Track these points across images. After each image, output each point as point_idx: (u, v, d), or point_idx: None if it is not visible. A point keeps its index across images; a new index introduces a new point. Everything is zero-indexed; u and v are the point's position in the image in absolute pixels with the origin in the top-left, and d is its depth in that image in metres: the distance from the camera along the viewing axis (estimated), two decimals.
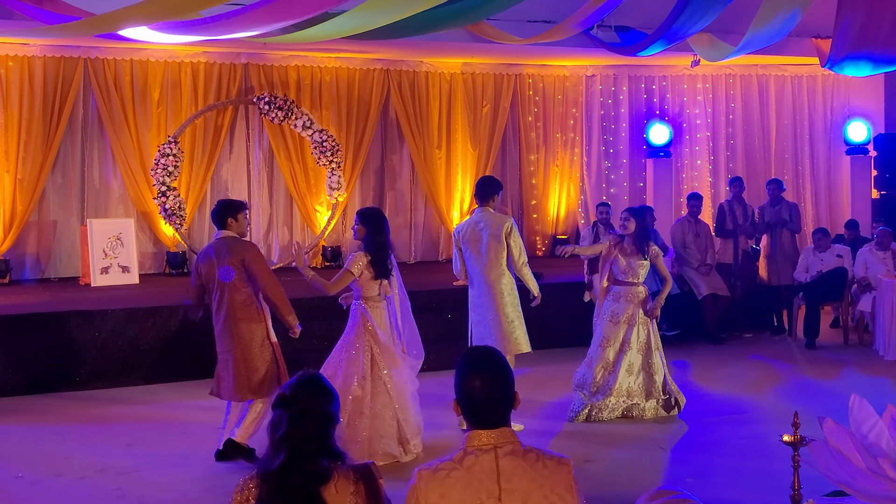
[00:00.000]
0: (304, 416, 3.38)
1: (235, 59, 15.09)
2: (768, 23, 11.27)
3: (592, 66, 17.25)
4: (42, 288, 13.16)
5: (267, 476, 3.35)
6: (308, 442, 3.36)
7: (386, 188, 16.50)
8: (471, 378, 3.26)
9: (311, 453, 3.36)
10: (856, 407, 4.67)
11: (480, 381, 3.25)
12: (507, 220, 8.87)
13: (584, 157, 17.48)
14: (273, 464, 3.35)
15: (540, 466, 3.22)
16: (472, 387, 3.25)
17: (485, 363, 3.31)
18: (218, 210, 7.91)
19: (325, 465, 3.36)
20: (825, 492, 5.87)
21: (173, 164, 14.18)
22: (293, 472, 3.32)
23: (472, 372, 3.27)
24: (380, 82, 16.13)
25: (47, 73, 14.09)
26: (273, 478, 3.33)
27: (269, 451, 3.40)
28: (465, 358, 3.37)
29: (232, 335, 7.60)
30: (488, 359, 3.33)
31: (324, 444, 3.40)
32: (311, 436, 3.37)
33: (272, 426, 3.42)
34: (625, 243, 8.95)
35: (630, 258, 8.87)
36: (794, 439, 4.78)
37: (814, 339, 12.38)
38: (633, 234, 8.88)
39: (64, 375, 10.28)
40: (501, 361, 3.33)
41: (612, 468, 7.43)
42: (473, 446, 3.24)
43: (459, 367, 3.32)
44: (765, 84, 17.91)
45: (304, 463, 3.34)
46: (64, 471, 7.45)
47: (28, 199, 13.92)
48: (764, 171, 17.47)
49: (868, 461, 4.38)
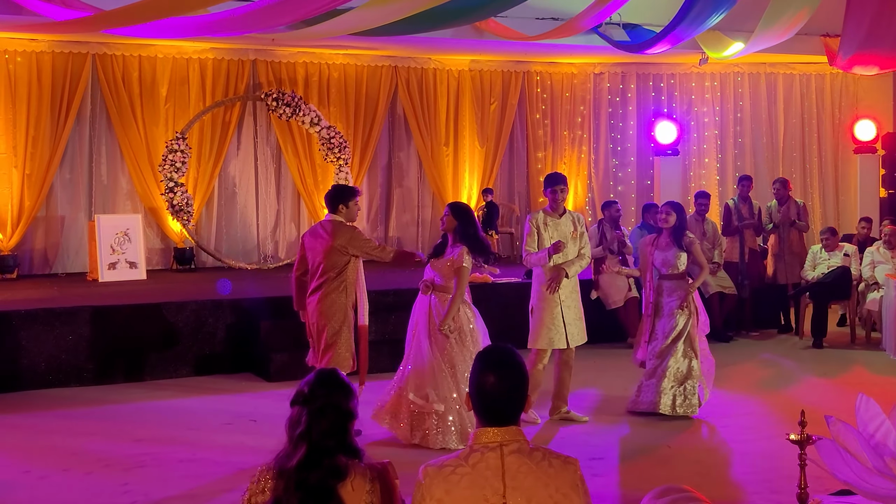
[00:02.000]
0: (324, 412, 3.38)
1: (243, 55, 15.11)
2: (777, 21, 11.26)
3: (600, 64, 17.23)
4: (49, 283, 13.17)
5: (284, 472, 3.35)
6: (327, 438, 3.36)
7: (393, 185, 16.50)
8: (484, 374, 3.28)
9: (330, 450, 3.36)
10: (863, 406, 4.67)
11: (493, 378, 3.26)
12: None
13: (592, 155, 17.48)
14: (291, 460, 3.34)
15: (546, 465, 3.22)
16: (484, 382, 3.27)
17: (499, 361, 3.33)
18: (330, 195, 8.19)
19: (342, 462, 3.36)
20: (832, 490, 5.87)
21: (181, 160, 14.20)
22: (311, 469, 3.32)
23: (485, 368, 3.30)
24: (388, 79, 16.14)
25: (55, 68, 14.12)
26: (291, 474, 3.33)
27: (287, 448, 3.40)
28: (481, 354, 3.40)
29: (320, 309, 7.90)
30: (503, 357, 3.35)
31: (342, 440, 3.40)
32: (329, 432, 3.37)
33: (291, 423, 3.42)
34: (661, 238, 9.03)
35: (667, 252, 8.94)
36: (800, 438, 4.77)
37: (821, 338, 12.34)
38: (672, 228, 8.95)
39: (71, 371, 10.29)
40: (516, 360, 3.34)
41: (618, 466, 7.43)
42: (480, 443, 3.24)
43: (475, 362, 3.34)
44: (773, 82, 17.88)
45: (323, 459, 3.34)
46: (71, 465, 7.46)
47: (36, 194, 13.96)
48: (772, 170, 17.44)
49: (875, 460, 4.37)
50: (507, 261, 15.86)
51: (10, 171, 13.92)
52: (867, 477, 4.43)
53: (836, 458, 4.56)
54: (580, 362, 9.27)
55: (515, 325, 12.03)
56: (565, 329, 8.63)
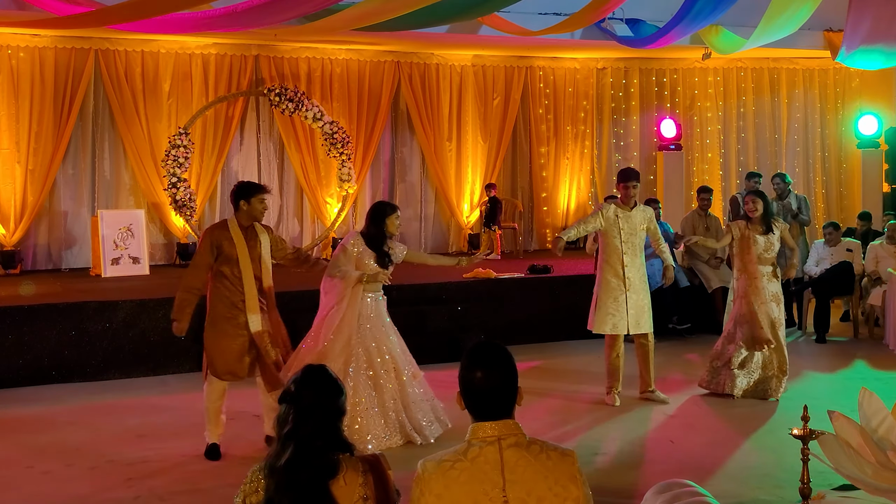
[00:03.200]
0: (311, 412, 3.37)
1: (246, 50, 15.12)
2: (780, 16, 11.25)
3: (603, 59, 17.24)
4: (53, 278, 13.19)
5: (274, 472, 3.34)
6: (315, 438, 3.35)
7: (396, 180, 16.51)
8: (471, 370, 3.28)
9: (319, 449, 3.35)
10: (865, 401, 4.67)
11: (481, 373, 3.27)
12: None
13: (595, 150, 17.49)
14: (280, 460, 3.33)
15: (544, 458, 3.23)
16: (472, 378, 3.27)
17: (486, 356, 3.33)
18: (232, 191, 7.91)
19: (333, 459, 3.35)
20: (834, 485, 5.88)
21: (184, 155, 14.21)
22: (301, 469, 3.31)
23: (472, 364, 3.30)
24: (390, 74, 16.15)
25: (58, 64, 14.14)
26: (281, 474, 3.32)
27: (277, 447, 3.39)
28: (467, 352, 3.39)
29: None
30: (490, 352, 3.35)
31: (331, 438, 3.39)
32: (318, 431, 3.36)
33: (279, 422, 3.41)
34: (751, 225, 9.40)
35: (763, 237, 9.34)
36: (803, 433, 4.78)
37: (824, 333, 12.34)
38: (761, 216, 9.34)
39: (75, 366, 10.31)
40: (503, 355, 3.34)
41: (620, 461, 7.43)
42: (478, 438, 3.25)
43: (462, 360, 3.34)
44: (776, 77, 17.88)
45: (312, 459, 3.33)
46: (74, 461, 7.47)
47: (39, 190, 13.97)
48: (774, 165, 17.44)
49: (877, 455, 4.38)
50: (510, 256, 15.86)
51: (13, 167, 13.94)
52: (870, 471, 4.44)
53: (838, 453, 4.56)
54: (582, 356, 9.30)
55: (516, 320, 12.10)
56: (627, 315, 8.96)
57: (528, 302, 12.33)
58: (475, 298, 12.03)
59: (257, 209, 7.71)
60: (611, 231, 9.01)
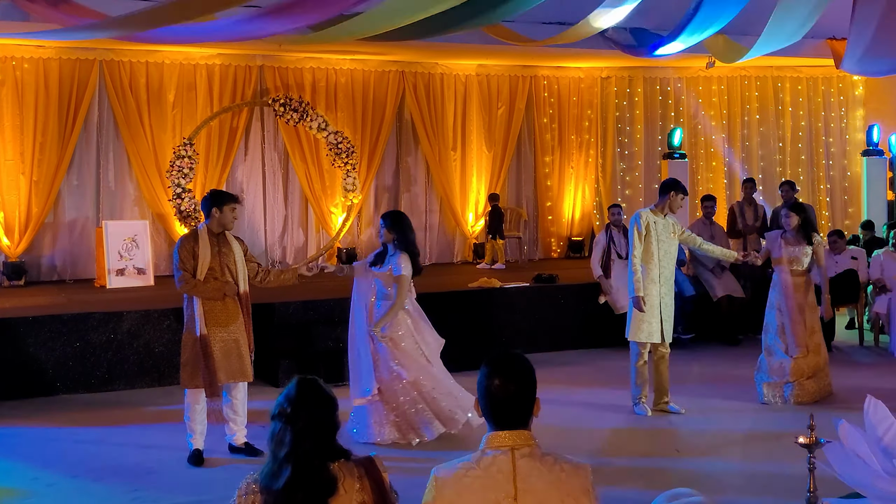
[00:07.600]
0: (308, 431, 3.32)
1: (251, 60, 15.13)
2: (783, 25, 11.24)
3: (607, 68, 17.25)
4: (57, 290, 13.19)
5: (272, 493, 3.29)
6: (313, 457, 3.31)
7: (401, 190, 16.51)
8: (490, 377, 3.28)
9: (317, 468, 3.32)
10: (871, 409, 4.65)
11: (499, 381, 3.26)
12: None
13: (600, 159, 17.49)
14: (279, 482, 3.28)
15: (557, 470, 3.22)
16: (490, 385, 3.26)
17: (505, 364, 3.32)
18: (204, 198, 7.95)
19: (331, 475, 3.32)
20: (841, 494, 5.85)
21: (188, 165, 14.22)
22: (299, 489, 3.27)
23: (492, 371, 3.29)
24: (395, 84, 16.16)
25: (62, 75, 14.15)
26: (279, 496, 3.28)
27: (272, 466, 3.32)
28: (487, 359, 3.38)
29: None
30: (510, 361, 3.34)
31: (328, 452, 3.38)
32: (315, 451, 3.32)
33: (274, 440, 3.34)
34: (787, 236, 9.61)
35: (796, 248, 9.51)
36: (809, 441, 4.77)
37: (829, 340, 12.31)
38: (798, 227, 9.54)
39: (80, 377, 10.31)
40: (523, 364, 3.34)
41: (626, 470, 7.42)
42: (492, 447, 3.24)
43: (482, 366, 3.34)
44: (780, 86, 17.88)
45: (311, 477, 3.30)
46: (79, 472, 7.47)
47: (43, 200, 13.98)
48: (779, 173, 17.44)
49: (884, 463, 4.36)
50: (515, 266, 15.85)
51: (17, 178, 13.94)
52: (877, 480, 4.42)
53: (845, 462, 4.54)
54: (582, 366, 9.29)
55: (522, 330, 12.09)
56: (662, 324, 9.00)
57: (534, 311, 12.31)
58: (480, 308, 12.01)
59: (228, 218, 7.81)
60: (648, 237, 9.02)
